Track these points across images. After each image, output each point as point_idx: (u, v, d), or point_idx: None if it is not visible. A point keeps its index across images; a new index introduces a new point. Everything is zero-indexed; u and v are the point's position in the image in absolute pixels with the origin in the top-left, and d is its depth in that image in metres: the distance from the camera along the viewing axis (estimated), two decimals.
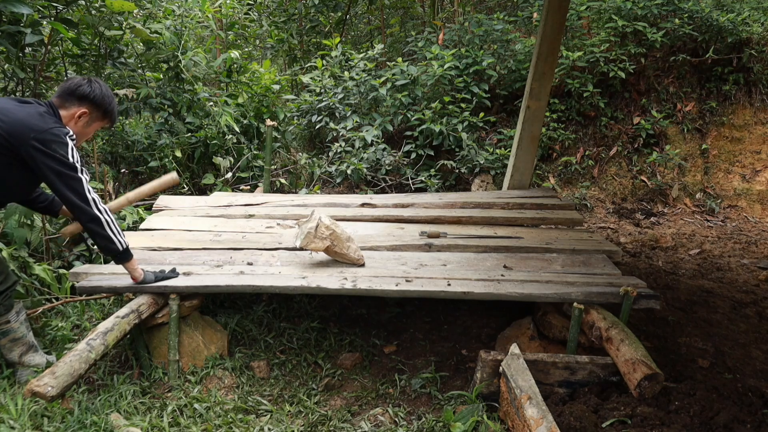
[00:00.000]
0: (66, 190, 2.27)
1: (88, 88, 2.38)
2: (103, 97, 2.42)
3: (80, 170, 2.30)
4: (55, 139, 2.23)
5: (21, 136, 2.18)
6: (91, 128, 2.48)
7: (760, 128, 6.21)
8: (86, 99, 2.38)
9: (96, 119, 2.46)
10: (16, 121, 2.20)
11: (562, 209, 4.15)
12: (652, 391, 2.19)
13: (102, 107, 2.43)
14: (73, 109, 2.37)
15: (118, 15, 4.53)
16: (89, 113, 2.41)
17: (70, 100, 2.37)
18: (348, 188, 5.74)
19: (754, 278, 4.18)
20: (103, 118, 2.48)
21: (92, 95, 2.38)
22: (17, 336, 2.56)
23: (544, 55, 4.22)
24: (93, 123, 2.46)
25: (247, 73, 6.10)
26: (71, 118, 2.38)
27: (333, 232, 2.89)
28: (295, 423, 2.39)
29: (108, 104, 2.45)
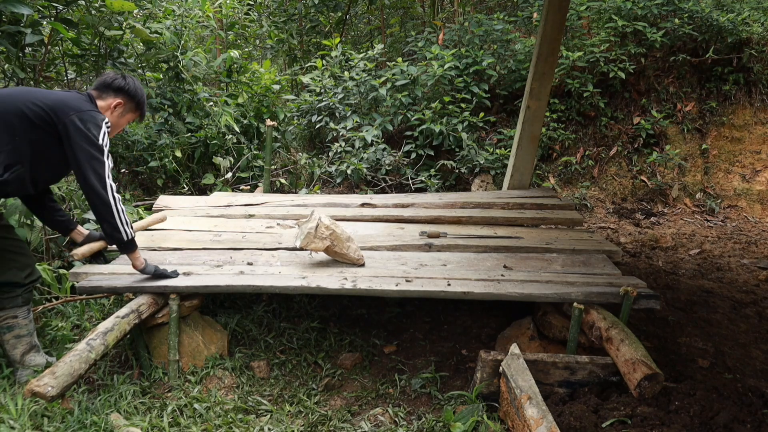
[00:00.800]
0: (88, 169, 2.37)
1: (123, 81, 2.58)
2: (136, 90, 2.63)
3: (106, 155, 2.41)
4: (92, 120, 2.38)
5: (62, 112, 2.34)
6: (125, 119, 2.65)
7: (760, 128, 6.21)
8: (122, 91, 2.58)
9: (129, 110, 2.64)
10: (59, 99, 2.38)
11: (562, 209, 4.15)
12: (652, 391, 2.19)
13: (135, 99, 2.63)
14: (110, 99, 2.55)
15: (118, 15, 4.52)
16: (124, 104, 2.59)
17: (107, 91, 2.56)
18: (348, 188, 5.74)
19: (754, 278, 4.18)
20: (135, 109, 2.67)
21: (127, 87, 2.58)
22: (22, 333, 2.57)
23: (544, 55, 4.22)
24: (126, 114, 2.64)
25: (247, 73, 6.10)
26: (107, 108, 2.55)
27: (333, 232, 2.89)
28: (295, 423, 2.39)
29: (140, 97, 2.65)
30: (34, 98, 2.35)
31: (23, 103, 2.32)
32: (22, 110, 2.31)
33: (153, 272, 2.67)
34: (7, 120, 2.29)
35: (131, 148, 4.99)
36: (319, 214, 2.91)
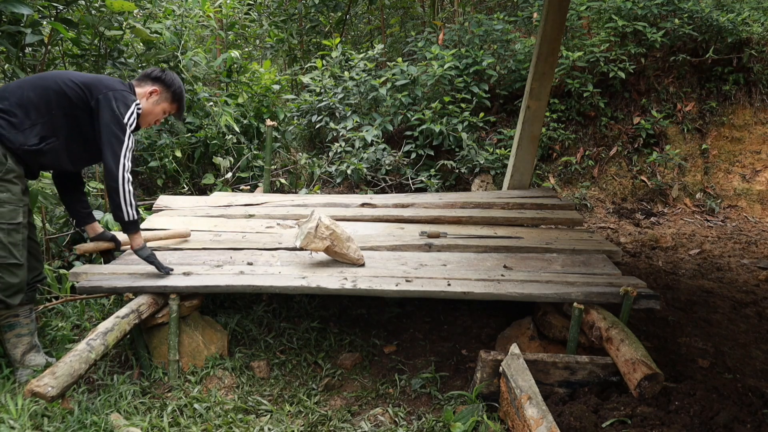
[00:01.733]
0: (107, 145, 2.44)
1: (161, 72, 2.74)
2: (173, 81, 2.74)
3: (128, 134, 2.48)
4: (123, 99, 2.49)
5: (96, 89, 2.47)
6: (159, 107, 2.73)
7: (760, 128, 6.21)
8: (158, 80, 2.71)
9: (164, 100, 2.73)
10: (96, 78, 2.53)
11: (562, 209, 4.15)
12: (652, 391, 2.19)
13: (171, 89, 2.73)
14: (147, 87, 2.69)
15: (118, 15, 4.52)
16: (159, 92, 2.71)
17: (145, 80, 2.71)
18: (348, 188, 5.74)
19: (754, 278, 4.18)
20: (171, 100, 2.76)
21: (163, 77, 2.72)
22: (23, 332, 2.57)
23: (544, 55, 4.22)
24: (161, 102, 2.73)
25: (247, 73, 6.09)
26: (143, 95, 2.68)
27: (333, 232, 2.89)
28: (295, 423, 2.39)
29: (177, 88, 2.75)
30: (72, 76, 2.48)
31: (62, 80, 2.44)
32: (60, 86, 2.43)
33: (146, 256, 2.68)
34: (46, 95, 2.40)
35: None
36: (319, 214, 2.91)
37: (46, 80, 2.44)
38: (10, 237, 2.34)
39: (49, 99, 2.40)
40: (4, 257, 2.33)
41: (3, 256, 2.33)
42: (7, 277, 2.36)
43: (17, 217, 2.36)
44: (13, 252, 2.35)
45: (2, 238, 2.31)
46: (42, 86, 2.41)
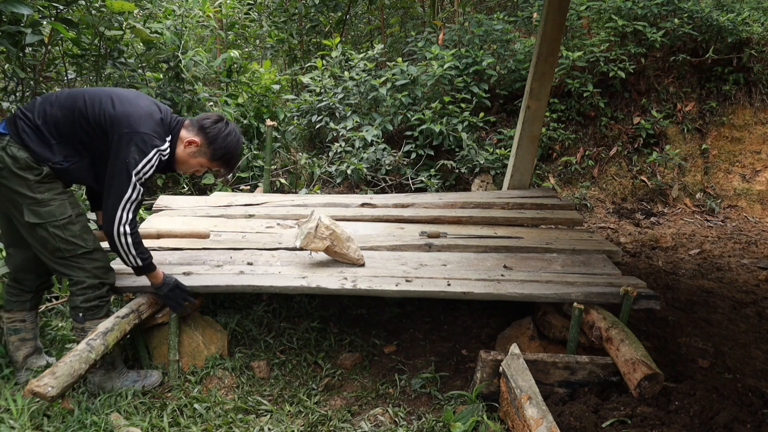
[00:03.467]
0: (107, 191, 2.31)
1: (211, 123, 2.44)
2: (218, 138, 2.43)
3: (133, 185, 2.29)
4: (141, 144, 2.27)
5: (119, 125, 2.27)
6: (196, 161, 2.49)
7: (760, 128, 6.21)
8: (202, 131, 2.44)
9: (203, 155, 2.47)
10: (127, 112, 2.29)
11: (562, 209, 4.15)
12: (652, 391, 2.19)
13: (212, 146, 2.45)
14: (191, 134, 2.45)
15: (118, 15, 4.52)
16: (199, 145, 2.45)
17: (194, 125, 2.46)
18: (348, 188, 5.74)
19: (754, 278, 4.18)
20: (211, 158, 2.48)
21: (209, 130, 2.43)
22: (27, 337, 2.58)
23: (544, 55, 4.22)
24: (199, 157, 2.48)
25: (247, 73, 6.10)
26: (182, 141, 2.44)
27: (333, 232, 2.89)
28: (295, 423, 2.39)
29: (219, 147, 2.45)
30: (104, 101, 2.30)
31: (91, 101, 2.30)
32: (86, 108, 2.29)
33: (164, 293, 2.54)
34: (71, 114, 2.29)
35: None
36: (319, 214, 2.91)
37: (76, 98, 2.32)
38: (68, 230, 2.33)
39: (74, 119, 2.29)
40: (72, 250, 2.34)
41: (71, 249, 2.34)
42: (86, 264, 2.38)
43: (66, 211, 2.33)
44: (76, 242, 2.35)
45: (61, 233, 2.31)
46: (69, 105, 2.30)
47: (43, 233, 2.30)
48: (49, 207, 2.29)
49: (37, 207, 2.27)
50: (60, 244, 2.32)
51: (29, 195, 2.25)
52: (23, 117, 2.29)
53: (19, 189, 2.24)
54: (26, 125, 2.27)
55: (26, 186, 2.25)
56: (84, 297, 2.40)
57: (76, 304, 2.41)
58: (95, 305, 2.42)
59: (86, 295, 2.40)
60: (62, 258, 2.35)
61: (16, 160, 2.22)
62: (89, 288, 2.40)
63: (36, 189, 2.26)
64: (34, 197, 2.26)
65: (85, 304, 2.40)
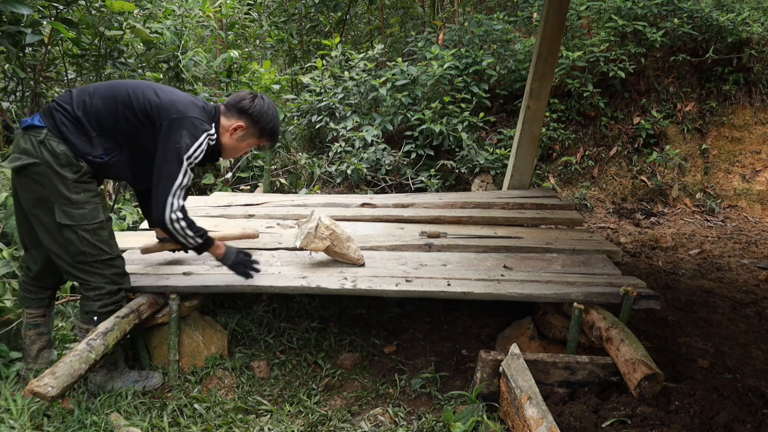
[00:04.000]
0: (157, 178, 2.29)
1: (250, 103, 2.42)
2: (261, 115, 2.43)
3: (184, 170, 2.28)
4: (191, 128, 2.27)
5: (166, 112, 2.26)
6: (245, 143, 2.51)
7: (760, 128, 6.21)
8: (245, 113, 2.43)
9: (251, 135, 2.48)
10: (170, 100, 2.29)
11: (562, 209, 4.15)
12: (652, 391, 2.19)
13: (259, 125, 2.45)
14: (232, 120, 2.44)
15: (118, 15, 4.53)
16: (245, 128, 2.45)
17: (232, 111, 2.44)
18: (348, 188, 5.75)
19: (754, 278, 4.18)
20: (259, 135, 2.49)
21: (251, 110, 2.42)
22: (44, 331, 2.59)
23: (544, 55, 4.22)
24: (247, 139, 2.49)
25: (247, 73, 6.10)
26: (227, 129, 2.44)
27: (333, 232, 2.88)
28: (295, 423, 2.39)
29: (266, 123, 2.46)
30: (147, 91, 2.29)
31: (133, 92, 2.28)
32: (129, 99, 2.26)
33: (231, 262, 2.60)
34: (113, 105, 2.26)
35: None
36: (319, 214, 2.91)
37: (118, 90, 2.29)
38: (97, 235, 2.31)
39: (116, 110, 2.26)
40: (96, 255, 2.31)
41: (96, 254, 2.31)
42: (105, 270, 2.36)
43: (98, 215, 2.31)
44: (102, 248, 2.33)
45: (89, 237, 2.28)
46: (111, 96, 2.26)
47: (70, 235, 2.25)
48: (82, 210, 2.25)
49: (71, 208, 2.22)
50: (86, 248, 2.28)
51: (64, 194, 2.20)
52: (61, 109, 2.23)
53: (56, 187, 2.19)
54: (65, 117, 2.21)
55: (63, 185, 2.19)
56: (102, 302, 2.38)
57: (93, 309, 2.38)
58: (111, 310, 2.40)
59: (104, 300, 2.38)
60: (83, 263, 2.31)
61: (56, 156, 2.17)
62: (107, 294, 2.38)
63: (73, 189, 2.22)
64: (69, 198, 2.21)
65: (102, 309, 2.38)
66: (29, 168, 2.17)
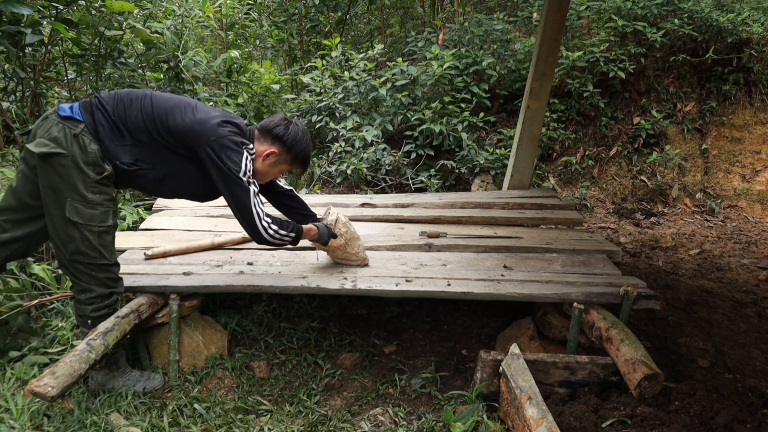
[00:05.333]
0: (231, 198, 2.31)
1: (284, 130, 2.40)
2: (296, 142, 2.42)
3: (247, 182, 2.28)
4: (231, 146, 2.24)
5: (202, 137, 2.23)
6: (276, 169, 2.50)
7: (760, 128, 6.21)
8: (279, 140, 2.40)
9: (284, 162, 2.47)
10: (199, 120, 2.25)
11: (562, 209, 4.15)
12: (652, 391, 2.19)
13: (293, 152, 2.43)
14: (265, 146, 2.41)
15: (118, 15, 4.53)
16: (278, 154, 2.43)
17: (266, 136, 2.41)
18: (348, 188, 5.74)
19: (754, 278, 4.18)
20: (292, 162, 2.48)
21: (286, 138, 2.40)
22: None
23: (544, 55, 4.22)
24: (280, 165, 2.48)
25: (247, 73, 6.10)
26: (260, 155, 2.41)
27: (348, 230, 2.88)
28: (295, 423, 2.39)
29: (300, 150, 2.44)
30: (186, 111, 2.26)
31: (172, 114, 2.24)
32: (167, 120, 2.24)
33: (327, 234, 2.72)
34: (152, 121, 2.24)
35: None
36: (337, 211, 2.89)
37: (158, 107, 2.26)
38: (101, 239, 2.28)
39: (150, 131, 2.24)
40: (93, 258, 2.29)
41: (93, 257, 2.29)
42: (98, 273, 2.33)
43: (108, 219, 2.29)
44: (103, 253, 2.31)
45: (93, 240, 2.26)
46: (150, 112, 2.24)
47: (74, 233, 2.23)
48: (93, 210, 2.23)
49: (83, 206, 2.20)
50: (86, 249, 2.26)
51: (80, 191, 2.18)
52: (102, 108, 2.21)
53: (74, 183, 2.16)
54: (104, 118, 2.20)
55: (82, 182, 2.17)
56: (93, 306, 2.36)
57: (85, 313, 2.36)
58: (105, 313, 2.38)
59: (95, 304, 2.36)
60: (78, 262, 2.29)
61: (85, 153, 2.15)
62: (98, 297, 2.36)
63: (90, 188, 2.20)
64: (84, 195, 2.19)
65: (95, 314, 2.36)
66: (54, 157, 2.13)
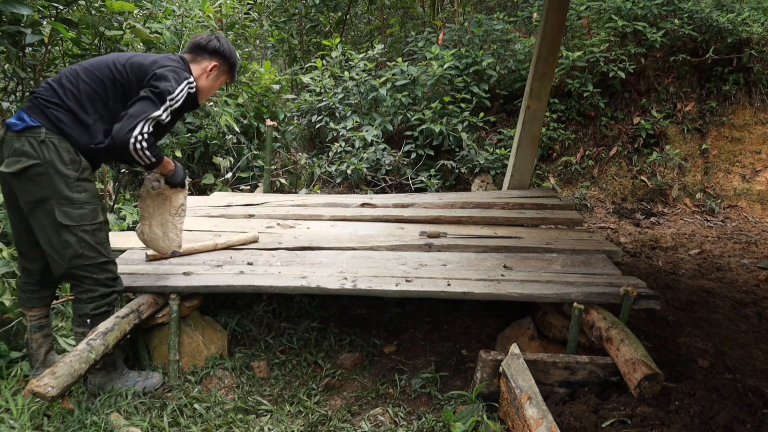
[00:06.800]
0: (134, 103, 2.24)
1: (218, 43, 2.52)
2: (231, 52, 2.56)
3: (165, 107, 2.27)
4: (175, 75, 2.31)
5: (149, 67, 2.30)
6: (218, 82, 2.59)
7: (760, 128, 6.21)
8: (217, 53, 2.52)
9: (223, 73, 2.58)
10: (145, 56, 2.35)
11: (562, 209, 4.15)
12: (652, 391, 2.19)
13: (230, 61, 2.57)
14: (205, 63, 2.50)
15: (118, 15, 4.52)
16: (219, 66, 2.53)
17: (202, 54, 2.50)
18: (348, 188, 5.75)
19: (754, 278, 4.18)
20: (229, 72, 2.60)
21: (222, 49, 2.52)
22: (48, 333, 2.58)
23: (544, 55, 4.22)
24: (220, 77, 2.58)
25: (247, 73, 6.09)
26: (203, 72, 2.50)
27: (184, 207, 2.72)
28: (295, 423, 2.39)
29: (235, 59, 2.60)
30: (121, 59, 2.31)
31: (113, 66, 2.28)
32: (113, 74, 2.28)
33: (182, 174, 2.63)
34: (102, 85, 2.26)
35: None
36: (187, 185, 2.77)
37: (100, 69, 2.28)
38: (96, 237, 2.30)
39: (106, 89, 2.26)
40: (93, 257, 2.31)
41: (93, 257, 2.30)
42: (99, 274, 2.34)
43: (98, 216, 2.31)
44: (101, 251, 2.33)
45: (89, 239, 2.27)
46: (98, 77, 2.25)
47: (69, 237, 2.24)
48: (83, 210, 2.25)
49: (71, 208, 2.22)
50: (84, 251, 2.27)
51: (65, 194, 2.20)
52: (51, 104, 2.20)
53: (57, 187, 2.17)
54: (59, 111, 2.19)
55: (65, 184, 2.19)
56: (95, 305, 2.37)
57: (86, 311, 2.37)
58: (104, 312, 2.39)
59: (96, 302, 2.37)
60: (78, 267, 2.29)
61: (58, 153, 2.16)
62: (100, 296, 2.38)
63: (74, 188, 2.21)
64: (70, 197, 2.21)
65: (95, 311, 2.38)
66: (30, 170, 2.15)
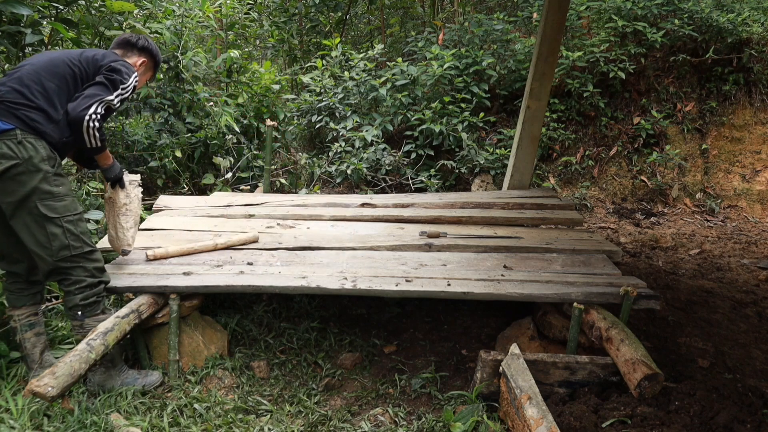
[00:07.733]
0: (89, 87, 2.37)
1: (146, 41, 2.71)
2: (158, 51, 2.77)
3: (117, 94, 2.42)
4: (127, 70, 2.48)
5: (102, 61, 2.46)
6: (145, 77, 2.75)
7: (760, 128, 6.21)
8: (146, 50, 2.70)
9: (149, 69, 2.76)
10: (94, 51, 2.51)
11: (562, 209, 4.15)
12: (652, 391, 2.19)
13: (155, 58, 2.76)
14: (134, 58, 2.66)
15: (118, 15, 4.52)
16: (147, 63, 2.71)
17: (132, 50, 2.67)
18: (348, 188, 5.74)
19: (754, 278, 4.18)
20: (154, 67, 2.79)
21: (150, 47, 2.72)
22: (40, 331, 2.58)
23: (544, 55, 4.22)
24: (147, 72, 2.75)
25: (247, 73, 6.09)
26: (134, 67, 2.62)
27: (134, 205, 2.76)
28: (295, 423, 2.39)
29: (160, 57, 2.80)
30: (74, 55, 2.44)
31: (70, 62, 2.40)
32: (72, 69, 2.40)
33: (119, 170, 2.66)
34: (64, 81, 2.37)
35: (131, 148, 4.99)
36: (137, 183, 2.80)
37: (58, 66, 2.38)
38: (78, 227, 2.40)
39: (68, 85, 2.38)
40: (80, 247, 2.39)
41: (78, 246, 2.38)
42: (86, 263, 2.42)
43: (77, 207, 2.42)
44: (85, 240, 2.42)
45: (73, 229, 2.36)
46: (60, 74, 2.36)
47: (55, 230, 2.32)
48: (64, 202, 2.34)
49: (53, 201, 2.31)
50: (70, 241, 2.35)
51: (46, 189, 2.28)
52: (20, 105, 2.25)
53: (38, 183, 2.25)
54: (30, 111, 2.26)
55: (44, 179, 2.27)
56: (83, 295, 2.43)
57: (75, 302, 2.42)
58: (93, 302, 2.46)
59: (85, 293, 2.43)
60: (65, 258, 2.36)
61: (36, 150, 2.25)
62: (88, 287, 2.44)
63: (53, 182, 2.30)
64: (51, 191, 2.30)
65: (84, 302, 2.43)
66: (10, 171, 2.22)
